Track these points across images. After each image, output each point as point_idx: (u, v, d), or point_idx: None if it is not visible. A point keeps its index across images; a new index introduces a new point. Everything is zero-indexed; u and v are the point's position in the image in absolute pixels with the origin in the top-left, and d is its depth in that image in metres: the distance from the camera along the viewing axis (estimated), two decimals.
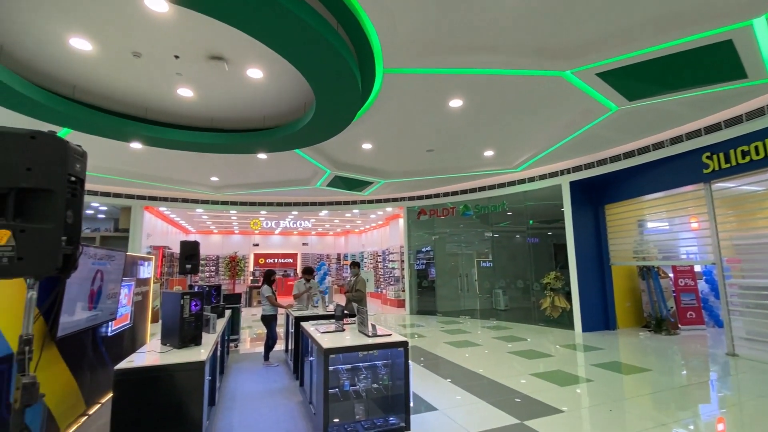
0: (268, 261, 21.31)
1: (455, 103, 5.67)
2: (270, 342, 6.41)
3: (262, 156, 7.93)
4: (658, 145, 7.14)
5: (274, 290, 6.50)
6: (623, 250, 8.71)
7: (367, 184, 10.72)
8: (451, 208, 11.84)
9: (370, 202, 12.81)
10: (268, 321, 6.37)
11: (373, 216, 16.23)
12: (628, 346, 7.23)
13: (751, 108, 5.81)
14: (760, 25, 3.88)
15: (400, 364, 3.60)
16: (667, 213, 7.90)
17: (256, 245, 21.55)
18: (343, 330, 4.16)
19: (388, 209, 13.84)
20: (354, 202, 12.91)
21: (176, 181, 10.26)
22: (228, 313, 6.44)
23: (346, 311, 4.90)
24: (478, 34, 4.03)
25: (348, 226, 20.42)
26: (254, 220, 16.16)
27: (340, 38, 3.89)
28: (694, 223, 7.29)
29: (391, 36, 4.01)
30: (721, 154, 6.36)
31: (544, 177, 9.44)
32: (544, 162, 8.87)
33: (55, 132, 1.76)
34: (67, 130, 6.02)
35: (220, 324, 4.97)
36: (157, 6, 3.64)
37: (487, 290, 11.23)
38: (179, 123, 6.43)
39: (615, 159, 7.92)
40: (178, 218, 15.77)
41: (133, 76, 5.09)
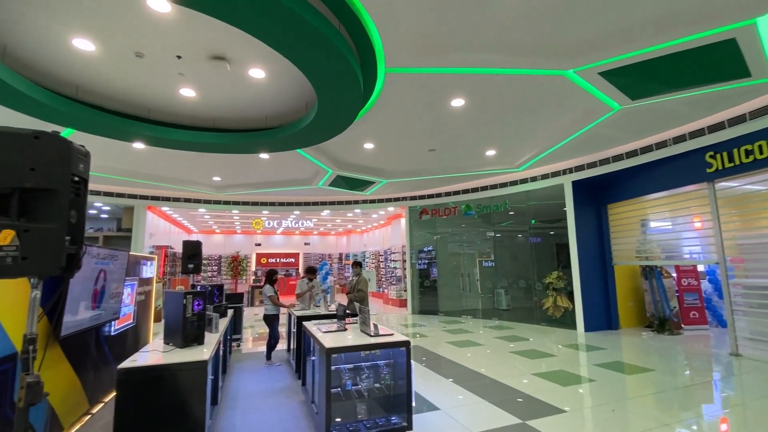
0: (270, 261, 21.34)
1: (457, 103, 5.67)
2: (272, 341, 6.42)
3: (264, 156, 7.94)
4: (661, 145, 7.12)
5: (276, 290, 6.51)
6: (626, 250, 8.69)
7: (369, 183, 10.72)
8: (453, 208, 11.83)
9: (372, 201, 12.81)
10: (270, 320, 6.38)
11: (374, 216, 16.23)
12: (631, 346, 7.21)
13: (754, 107, 5.78)
14: (764, 23, 3.86)
15: (402, 363, 3.59)
16: (670, 212, 7.87)
17: (258, 245, 21.59)
18: (345, 329, 4.16)
19: (390, 209, 13.84)
20: (356, 202, 12.91)
21: (179, 181, 10.29)
22: (230, 312, 6.46)
23: (348, 311, 4.90)
24: (480, 34, 4.03)
25: (350, 226, 20.43)
26: (256, 220, 16.18)
27: (341, 38, 3.89)
28: (698, 222, 7.26)
29: (393, 35, 4.01)
30: (724, 154, 6.33)
31: (546, 176, 9.42)
32: (547, 161, 8.85)
33: (58, 132, 1.77)
34: (71, 130, 6.04)
35: (223, 323, 4.99)
36: (159, 6, 3.66)
37: (489, 290, 11.21)
38: (182, 123, 6.45)
39: (618, 158, 7.89)
40: (181, 218, 15.82)
41: (136, 77, 5.11)
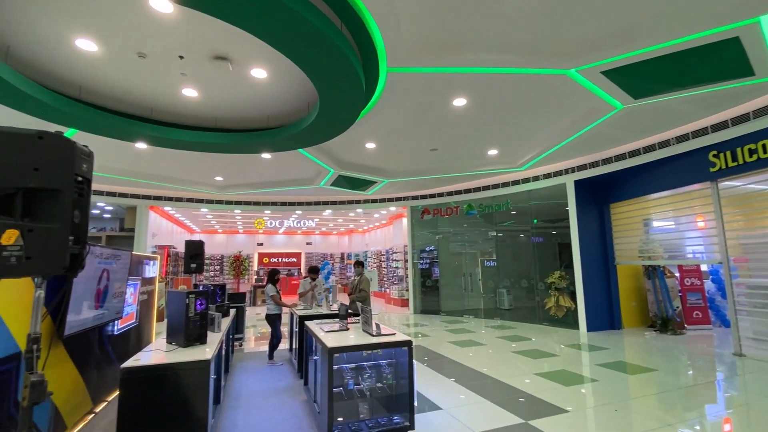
0: (272, 260, 21.38)
1: (459, 102, 5.66)
2: (274, 341, 6.43)
3: (266, 156, 7.95)
4: (664, 144, 7.09)
5: (278, 289, 6.52)
6: (628, 250, 8.66)
7: (371, 183, 10.72)
8: (455, 208, 11.82)
9: (374, 201, 12.81)
10: (273, 320, 6.40)
11: (376, 215, 16.23)
12: (634, 345, 7.19)
13: (758, 106, 5.75)
14: None
15: (404, 363, 3.60)
16: (673, 212, 7.84)
17: (261, 245, 21.63)
18: (347, 329, 4.16)
19: (392, 209, 13.84)
20: (357, 202, 12.91)
21: (181, 180, 10.31)
22: (232, 312, 6.48)
23: (350, 310, 4.90)
24: (482, 33, 4.02)
25: (351, 226, 20.43)
26: (258, 220, 16.21)
27: (343, 38, 3.89)
28: (701, 222, 7.23)
29: (395, 35, 4.01)
30: (728, 153, 6.30)
31: (548, 176, 9.39)
32: (549, 161, 8.83)
33: (61, 132, 1.78)
34: (74, 131, 6.07)
35: (225, 323, 5.00)
36: (161, 7, 3.67)
37: (491, 290, 11.20)
38: (184, 123, 6.47)
39: (620, 158, 7.87)
40: (183, 218, 15.85)
41: (138, 77, 5.13)
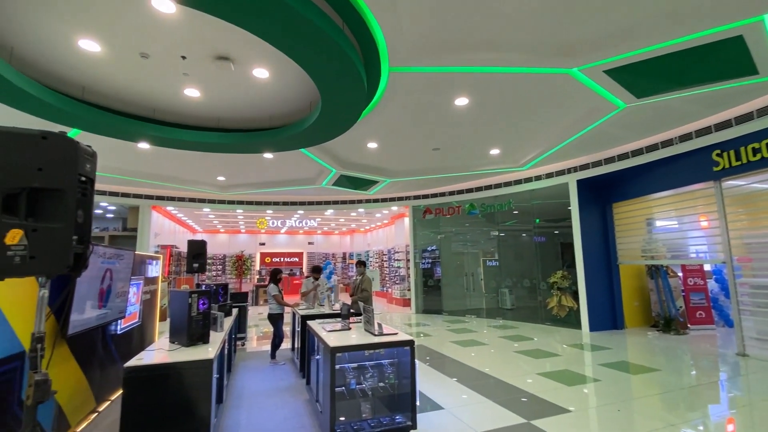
0: (274, 260, 21.41)
1: (461, 102, 5.65)
2: (276, 340, 6.44)
3: (268, 155, 7.96)
4: (667, 143, 7.06)
5: (281, 289, 6.53)
6: (631, 249, 8.63)
7: (373, 183, 10.72)
8: (457, 207, 11.81)
9: (376, 201, 12.81)
10: (275, 319, 6.41)
11: (378, 215, 16.23)
12: (637, 345, 7.17)
13: (762, 104, 5.72)
14: None
15: (406, 362, 3.60)
16: (676, 211, 7.81)
17: (263, 244, 21.66)
18: (349, 329, 4.17)
19: (394, 208, 13.83)
20: (359, 201, 12.92)
21: (183, 180, 10.34)
22: (235, 311, 6.49)
23: (352, 310, 4.91)
24: (485, 32, 4.01)
25: (353, 225, 20.44)
26: (260, 220, 16.24)
27: (345, 37, 3.89)
28: (704, 221, 7.20)
29: (397, 34, 4.01)
30: (731, 152, 6.27)
31: (550, 175, 9.37)
32: (551, 160, 8.81)
33: (65, 132, 1.78)
34: (77, 131, 6.09)
35: (228, 322, 5.01)
36: (164, 7, 3.68)
37: (493, 289, 11.19)
38: (186, 123, 6.48)
39: (623, 157, 7.84)
40: (186, 218, 15.90)
41: (141, 77, 5.14)
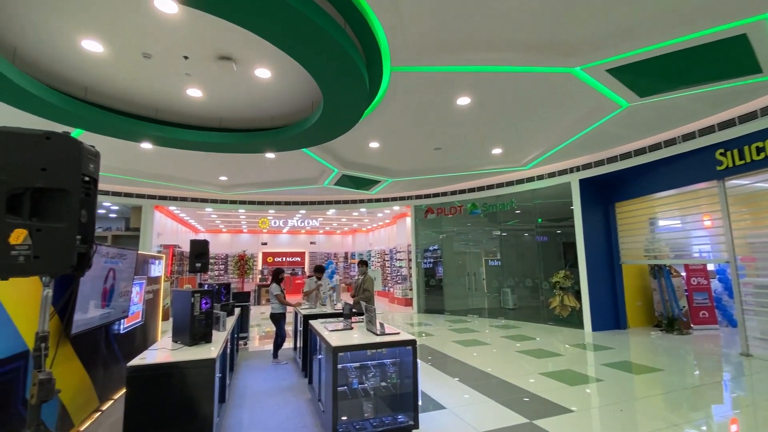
0: (276, 260, 21.45)
1: (463, 101, 5.64)
2: (279, 340, 6.45)
3: (270, 155, 7.97)
4: (670, 142, 7.03)
5: (283, 288, 6.54)
6: (634, 249, 8.60)
7: (375, 182, 10.72)
8: (459, 207, 11.79)
9: (378, 200, 12.81)
10: (277, 319, 6.42)
11: (380, 215, 16.24)
12: (639, 345, 7.14)
13: (766, 103, 5.68)
14: None
15: (408, 362, 3.60)
16: (680, 211, 7.78)
17: (265, 244, 21.70)
18: (352, 328, 4.17)
19: (396, 208, 13.83)
20: (361, 201, 12.92)
21: (186, 180, 10.37)
22: (237, 311, 6.50)
23: (354, 310, 4.91)
24: (485, 32, 4.00)
25: (355, 225, 20.45)
26: (262, 219, 16.26)
27: (347, 37, 3.89)
28: (707, 221, 7.17)
29: (399, 34, 4.00)
30: (735, 151, 6.24)
31: (553, 175, 9.35)
32: (554, 160, 8.79)
33: (68, 132, 1.79)
34: (80, 131, 6.11)
35: (230, 322, 5.02)
36: (166, 7, 3.68)
37: (495, 289, 11.17)
38: (189, 123, 6.50)
39: (626, 156, 7.81)
40: (188, 217, 15.94)
41: (144, 77, 5.16)
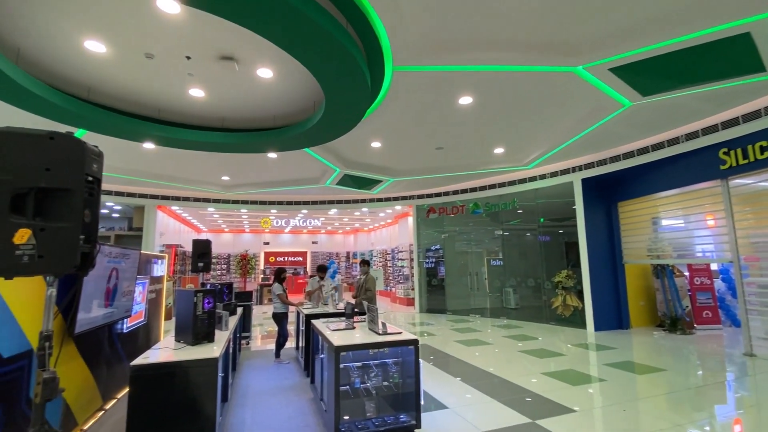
0: (278, 259, 21.47)
1: (465, 101, 5.63)
2: (281, 339, 6.46)
3: (273, 155, 7.98)
4: (673, 141, 7.00)
5: (285, 288, 6.55)
6: (637, 248, 8.57)
7: (376, 182, 10.72)
8: (461, 206, 11.78)
9: (379, 200, 12.81)
10: (279, 318, 6.43)
11: (382, 214, 16.23)
12: (642, 345, 7.12)
13: None
14: None
15: (410, 362, 3.60)
16: (683, 210, 7.75)
17: (267, 244, 21.73)
18: (354, 328, 4.17)
19: (397, 207, 13.82)
20: (363, 201, 12.92)
21: (188, 180, 10.39)
22: (239, 310, 6.52)
23: (356, 309, 4.91)
24: (485, 31, 3.99)
25: (357, 225, 20.45)
26: (264, 219, 16.29)
27: (349, 37, 3.89)
28: (711, 220, 7.13)
29: (401, 33, 4.00)
30: (738, 150, 6.20)
31: (555, 174, 9.32)
32: (556, 159, 8.76)
33: (72, 133, 1.80)
34: (83, 131, 6.14)
35: (232, 321, 5.03)
36: (168, 7, 3.69)
37: (498, 289, 11.16)
38: (191, 123, 6.51)
39: (628, 155, 7.78)
40: (190, 217, 15.98)
41: (146, 77, 5.17)
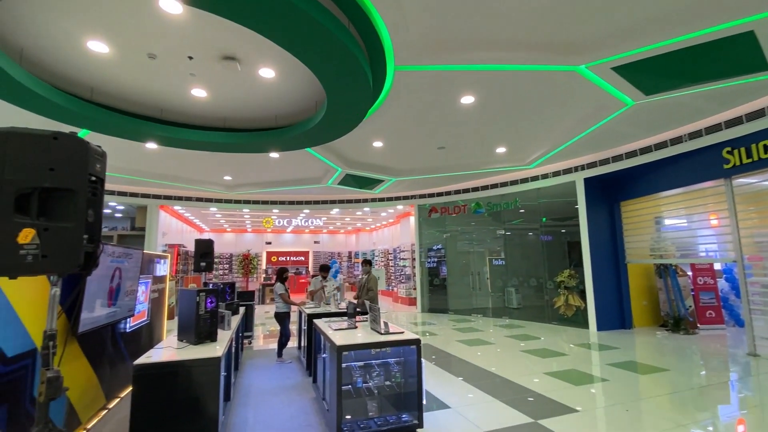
0: (280, 259, 21.51)
1: (467, 100, 5.62)
2: (283, 339, 6.48)
3: (275, 155, 7.99)
4: (676, 140, 6.97)
5: (287, 288, 6.56)
6: (640, 248, 8.54)
7: (378, 182, 10.72)
8: (463, 206, 11.77)
9: (381, 200, 12.81)
10: (281, 318, 6.44)
11: (384, 214, 16.23)
12: (645, 345, 7.10)
13: None
14: None
15: (412, 361, 3.60)
16: (686, 210, 7.72)
17: (269, 243, 21.76)
18: (356, 327, 4.17)
19: (399, 207, 13.82)
20: (365, 201, 12.92)
21: (190, 180, 10.42)
22: (242, 310, 6.54)
23: (358, 309, 4.91)
24: (486, 31, 3.99)
25: (359, 224, 20.46)
26: (266, 219, 16.31)
27: (351, 36, 3.89)
28: (714, 219, 7.10)
29: (402, 33, 3.99)
30: (742, 149, 6.17)
31: (557, 174, 9.30)
32: (558, 158, 8.74)
33: (75, 133, 1.81)
34: (86, 131, 6.16)
35: (235, 321, 5.04)
36: (170, 8, 3.70)
37: (500, 288, 11.14)
38: (193, 123, 6.53)
39: (631, 155, 7.76)
40: (193, 217, 16.02)
41: (149, 78, 5.19)
